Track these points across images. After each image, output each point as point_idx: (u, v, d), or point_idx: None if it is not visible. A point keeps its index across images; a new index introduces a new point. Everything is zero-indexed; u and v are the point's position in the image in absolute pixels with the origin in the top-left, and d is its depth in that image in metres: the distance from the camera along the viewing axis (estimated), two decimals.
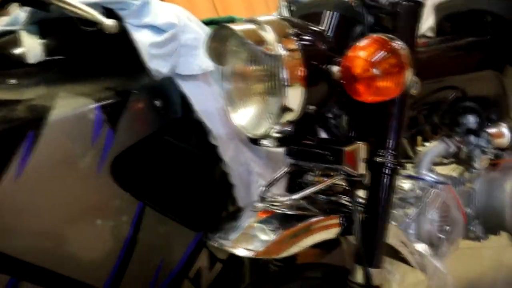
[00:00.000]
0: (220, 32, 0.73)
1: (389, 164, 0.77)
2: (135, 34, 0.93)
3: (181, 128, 1.04)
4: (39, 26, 0.98)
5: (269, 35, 0.69)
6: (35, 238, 0.85)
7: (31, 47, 0.93)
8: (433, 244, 1.04)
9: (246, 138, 0.85)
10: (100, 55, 1.01)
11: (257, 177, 1.07)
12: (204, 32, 1.04)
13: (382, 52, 0.67)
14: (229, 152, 1.02)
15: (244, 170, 1.06)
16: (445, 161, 1.23)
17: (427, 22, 1.49)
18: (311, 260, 1.05)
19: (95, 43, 1.00)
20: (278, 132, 0.74)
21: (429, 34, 1.25)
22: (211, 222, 0.81)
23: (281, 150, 0.84)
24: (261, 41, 0.69)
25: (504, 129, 1.23)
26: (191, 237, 1.05)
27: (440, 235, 1.04)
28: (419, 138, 1.33)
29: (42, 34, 0.97)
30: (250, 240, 0.74)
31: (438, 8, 1.20)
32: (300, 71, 0.69)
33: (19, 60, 0.96)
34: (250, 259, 0.96)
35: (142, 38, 0.93)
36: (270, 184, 0.86)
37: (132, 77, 0.99)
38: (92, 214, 0.90)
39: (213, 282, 1.11)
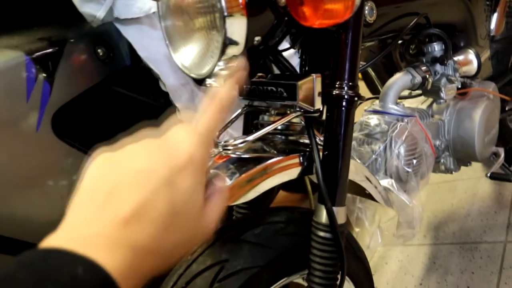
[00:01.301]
0: None
1: (346, 96, 0.72)
2: None
3: (131, 77, 0.97)
4: None
5: None
6: None
7: None
8: (402, 179, 1.01)
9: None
10: (31, 4, 0.92)
11: None
12: None
13: None
14: (182, 99, 0.96)
15: None
16: (413, 93, 1.19)
17: None
18: (293, 205, 1.02)
19: None
20: (223, 70, 0.68)
21: None
22: None
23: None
24: None
25: (471, 55, 1.18)
26: None
27: (408, 169, 1.01)
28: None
29: None
30: None
31: None
32: None
33: None
34: None
35: None
36: (224, 128, 0.81)
37: (69, 25, 0.91)
38: (40, 175, 0.85)
39: None
